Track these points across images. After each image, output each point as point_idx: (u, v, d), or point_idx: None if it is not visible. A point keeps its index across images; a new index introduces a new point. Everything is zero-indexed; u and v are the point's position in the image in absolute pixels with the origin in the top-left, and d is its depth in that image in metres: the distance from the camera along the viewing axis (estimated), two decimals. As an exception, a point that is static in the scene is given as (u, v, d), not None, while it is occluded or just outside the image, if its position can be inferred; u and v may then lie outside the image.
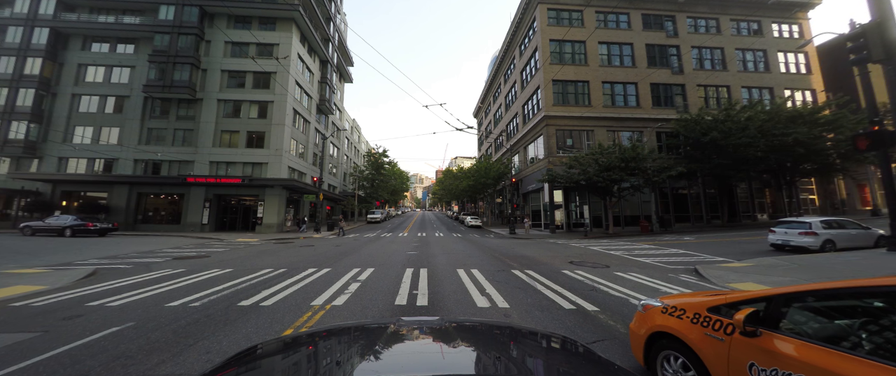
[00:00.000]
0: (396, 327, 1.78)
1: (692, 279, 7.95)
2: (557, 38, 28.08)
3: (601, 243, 16.40)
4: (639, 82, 28.03)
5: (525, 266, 9.39)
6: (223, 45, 27.84)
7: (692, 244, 14.86)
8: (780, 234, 11.98)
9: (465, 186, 41.71)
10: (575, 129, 27.29)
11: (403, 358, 1.48)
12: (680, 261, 10.35)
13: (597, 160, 21.39)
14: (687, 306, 2.67)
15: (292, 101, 28.44)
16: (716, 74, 29.68)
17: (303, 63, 31.50)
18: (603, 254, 12.05)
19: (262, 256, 11.67)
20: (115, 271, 8.80)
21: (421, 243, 16.69)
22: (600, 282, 7.34)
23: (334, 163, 44.37)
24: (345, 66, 47.09)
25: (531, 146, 31.02)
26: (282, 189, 25.84)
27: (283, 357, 1.51)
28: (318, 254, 12.12)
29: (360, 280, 7.62)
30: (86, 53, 27.87)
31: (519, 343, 1.73)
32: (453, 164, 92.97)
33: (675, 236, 19.13)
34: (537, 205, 29.85)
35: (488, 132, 50.42)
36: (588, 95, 27.78)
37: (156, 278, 7.82)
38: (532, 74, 30.86)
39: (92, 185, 25.68)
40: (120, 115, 27.02)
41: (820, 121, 22.32)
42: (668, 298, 3.04)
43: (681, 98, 28.89)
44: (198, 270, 8.75)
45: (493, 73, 46.34)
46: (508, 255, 11.92)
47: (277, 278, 7.70)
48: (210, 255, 11.96)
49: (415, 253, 12.61)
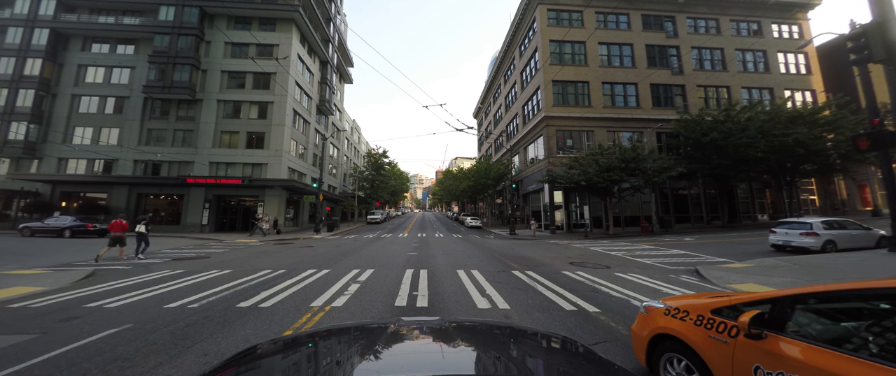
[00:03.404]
0: (396, 327, 1.78)
1: (693, 280, 7.92)
2: (557, 38, 28.08)
3: (602, 244, 16.37)
4: (639, 83, 28.03)
5: (525, 267, 9.37)
6: (223, 45, 27.84)
7: (693, 245, 14.83)
8: (780, 235, 11.95)
9: (465, 187, 41.69)
10: (575, 130, 27.28)
11: (403, 357, 1.48)
12: (681, 262, 10.32)
13: (597, 161, 21.36)
14: (690, 308, 2.65)
15: (292, 102, 28.43)
16: (716, 75, 29.69)
17: (303, 64, 31.51)
18: (603, 255, 12.02)
19: (261, 257, 11.64)
20: (115, 272, 8.77)
21: (421, 244, 16.66)
22: (601, 283, 7.32)
23: (334, 164, 44.36)
24: (345, 66, 47.11)
25: (531, 147, 31.01)
26: (282, 189, 25.82)
27: (283, 357, 1.51)
28: (318, 255, 12.09)
29: (359, 281, 7.59)
30: (86, 54, 27.88)
31: (519, 343, 1.73)
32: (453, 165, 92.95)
33: (675, 237, 19.10)
34: (537, 205, 29.82)
35: (488, 133, 50.43)
36: (588, 96, 27.78)
37: (155, 279, 7.79)
38: (532, 75, 30.86)
39: (91, 186, 25.67)
40: (120, 116, 27.01)
41: (820, 121, 22.29)
42: (670, 300, 3.01)
43: (681, 98, 28.89)
44: (197, 271, 8.72)
45: (493, 74, 46.36)
46: (509, 256, 11.89)
47: (277, 279, 7.67)
48: (210, 256, 11.93)
49: (415, 253, 12.58)
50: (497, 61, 43.28)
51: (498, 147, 44.26)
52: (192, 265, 9.92)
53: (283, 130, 26.80)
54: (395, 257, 11.56)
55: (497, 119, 45.74)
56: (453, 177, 56.54)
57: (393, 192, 60.75)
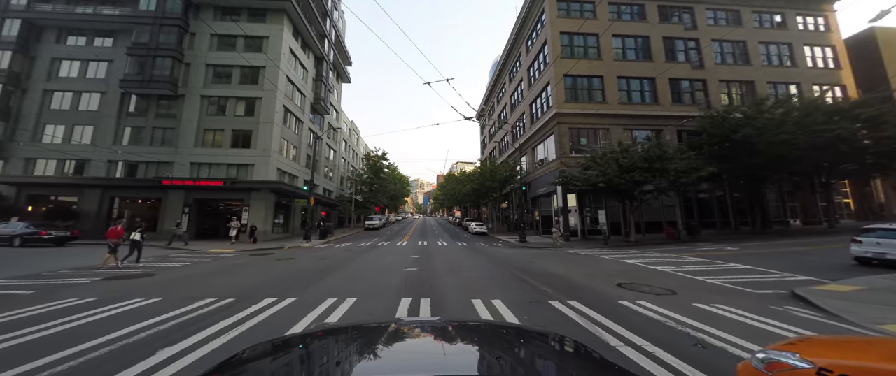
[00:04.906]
0: (397, 326, 1.76)
1: (806, 312, 5.63)
2: (569, 30, 26.08)
3: (632, 254, 14.04)
4: (657, 77, 25.90)
5: (563, 292, 7.05)
6: (209, 37, 25.82)
7: (741, 255, 12.51)
8: (868, 246, 9.61)
9: (469, 190, 39.39)
10: (589, 128, 25.11)
11: (404, 357, 1.41)
12: (756, 282, 8.01)
13: (618, 160, 19.13)
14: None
15: (282, 98, 26.30)
16: (739, 69, 27.61)
17: (296, 58, 29.48)
18: (649, 272, 9.71)
19: (220, 275, 9.32)
20: (8, 299, 6.49)
21: (422, 255, 14.33)
22: (688, 323, 4.99)
23: (330, 167, 42.16)
24: (342, 65, 45.17)
25: (540, 147, 28.78)
26: (269, 192, 23.56)
27: (282, 357, 1.43)
28: (294, 272, 9.78)
29: (331, 322, 5.28)
30: (61, 47, 25.86)
31: (524, 344, 1.68)
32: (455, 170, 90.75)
33: (709, 245, 16.75)
34: (547, 209, 27.51)
35: (492, 134, 48.31)
36: (602, 91, 25.66)
37: (47, 313, 5.51)
38: (541, 70, 28.80)
39: (61, 189, 23.43)
40: (95, 113, 24.87)
41: (861, 116, 20.13)
42: (815, 353, 1.78)
43: (702, 94, 26.78)
44: (115, 300, 6.41)
45: (497, 74, 44.36)
46: (531, 273, 9.57)
47: (211, 316, 5.36)
48: (156, 273, 9.59)
49: (414, 270, 10.25)
50: (501, 60, 41.34)
51: (502, 149, 42.10)
52: (119, 288, 7.62)
53: (271, 128, 24.62)
54: (388, 276, 9.25)
55: (502, 120, 43.63)
56: (456, 180, 54.37)
57: (393, 197, 58.44)
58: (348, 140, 51.71)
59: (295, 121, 29.83)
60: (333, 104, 41.25)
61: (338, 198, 42.45)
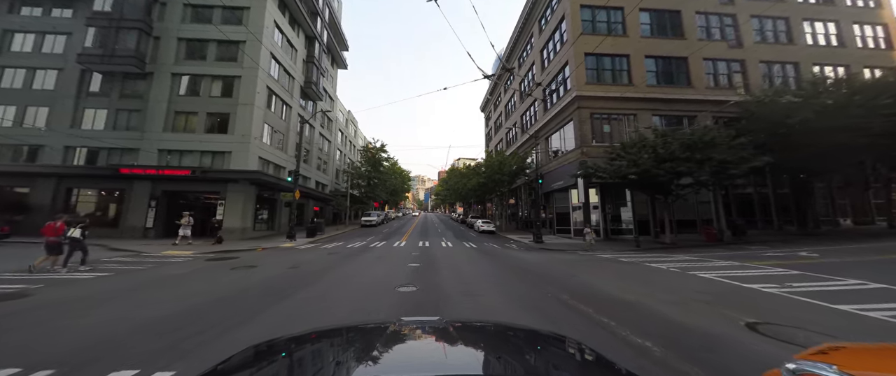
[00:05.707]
0: (397, 326, 1.69)
1: None
2: (590, 3, 22.97)
3: (680, 260, 11.06)
4: (690, 57, 22.79)
5: (649, 335, 4.10)
6: (181, 7, 22.72)
7: (840, 265, 9.55)
8: None
9: (475, 184, 36.35)
10: (613, 113, 22.09)
11: (405, 357, 1.38)
12: None
13: (656, 148, 16.12)
14: None
15: (266, 77, 23.25)
16: (781, 49, 24.50)
17: (282, 34, 26.37)
18: (745, 292, 6.75)
19: (111, 301, 6.34)
20: None
21: (423, 262, 11.39)
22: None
23: (325, 159, 39.19)
24: (338, 49, 42.01)
25: (556, 136, 25.74)
26: (248, 184, 20.62)
27: (281, 357, 1.38)
28: (231, 295, 6.80)
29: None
30: (13, 17, 22.79)
31: (527, 344, 1.61)
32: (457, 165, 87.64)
33: (771, 249, 13.76)
34: (563, 206, 24.58)
35: (498, 125, 45.21)
36: (628, 72, 22.62)
37: None
38: (556, 50, 25.69)
39: (10, 178, 20.45)
40: (51, 93, 21.85)
41: None
42: (855, 364, 1.53)
43: (740, 76, 23.69)
44: None
45: (504, 62, 41.21)
46: (583, 296, 6.61)
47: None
48: (35, 293, 6.61)
49: (412, 289, 7.29)
50: (508, 48, 38.19)
51: (509, 142, 39.05)
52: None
53: (252, 111, 21.60)
54: (374, 299, 6.33)
55: (509, 110, 40.55)
56: (460, 174, 51.37)
57: (392, 192, 55.50)
58: (345, 130, 48.68)
59: (282, 105, 26.79)
60: (327, 90, 38.16)
61: (332, 193, 39.54)
